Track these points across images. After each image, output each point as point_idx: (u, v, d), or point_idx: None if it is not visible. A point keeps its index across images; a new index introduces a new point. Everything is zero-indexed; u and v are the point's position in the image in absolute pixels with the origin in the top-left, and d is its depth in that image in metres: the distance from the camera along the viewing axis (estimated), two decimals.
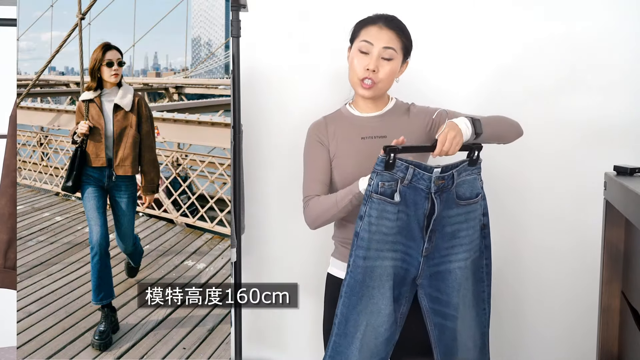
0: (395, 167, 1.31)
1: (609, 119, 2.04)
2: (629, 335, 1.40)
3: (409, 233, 1.36)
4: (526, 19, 2.04)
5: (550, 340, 2.13)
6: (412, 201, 1.35)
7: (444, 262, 1.40)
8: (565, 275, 2.10)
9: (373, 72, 1.46)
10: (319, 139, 1.54)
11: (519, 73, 2.06)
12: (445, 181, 1.35)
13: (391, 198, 1.32)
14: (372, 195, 1.32)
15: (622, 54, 2.03)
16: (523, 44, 2.04)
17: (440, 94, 2.00)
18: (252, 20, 2.02)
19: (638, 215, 1.13)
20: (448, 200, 1.37)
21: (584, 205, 2.05)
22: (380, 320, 1.37)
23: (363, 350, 1.37)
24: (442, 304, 1.41)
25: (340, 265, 1.55)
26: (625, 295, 1.45)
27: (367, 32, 1.48)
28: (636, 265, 1.35)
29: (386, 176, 1.31)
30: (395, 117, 1.54)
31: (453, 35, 2.07)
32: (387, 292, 1.36)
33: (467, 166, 1.38)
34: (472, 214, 1.41)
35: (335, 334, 1.37)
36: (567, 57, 2.04)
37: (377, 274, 1.35)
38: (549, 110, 2.05)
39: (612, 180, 1.43)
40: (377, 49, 1.46)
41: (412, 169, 1.32)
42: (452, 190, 1.37)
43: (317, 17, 2.06)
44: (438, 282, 1.40)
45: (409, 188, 1.33)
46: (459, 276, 1.40)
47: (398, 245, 1.36)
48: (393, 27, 1.47)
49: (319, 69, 2.07)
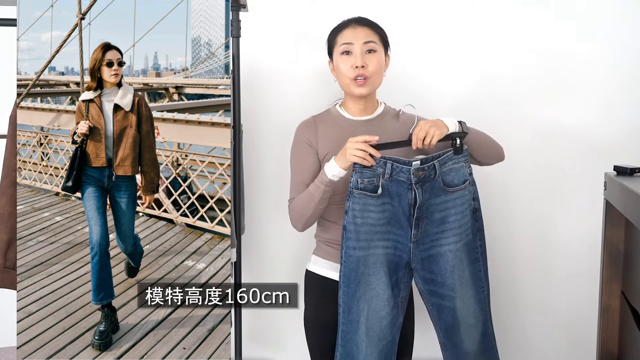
0: (375, 163, 1.39)
1: (609, 119, 2.04)
2: (629, 335, 1.40)
3: (397, 222, 1.44)
4: (527, 23, 2.04)
5: (550, 340, 2.14)
6: (395, 193, 1.43)
7: (434, 246, 1.47)
8: (565, 276, 2.10)
9: (362, 67, 1.48)
10: (307, 140, 1.55)
11: (519, 73, 2.06)
12: (427, 172, 1.42)
13: (373, 192, 1.41)
14: (353, 191, 1.41)
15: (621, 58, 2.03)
16: (527, 48, 2.05)
17: (431, 95, 2.02)
18: (252, 20, 2.02)
19: (638, 215, 1.13)
20: (434, 189, 1.45)
21: (584, 205, 2.05)
22: (380, 304, 1.44)
23: (370, 334, 1.44)
24: (437, 284, 1.48)
25: (321, 262, 1.57)
26: (625, 295, 1.46)
27: (342, 35, 1.51)
28: (636, 265, 1.35)
29: (366, 173, 1.40)
30: (385, 121, 1.56)
31: (449, 38, 2.07)
32: (384, 277, 1.44)
33: (452, 155, 1.45)
34: (461, 199, 1.47)
35: (342, 323, 1.45)
36: (563, 61, 2.04)
37: (371, 262, 1.43)
38: (547, 111, 2.06)
39: (612, 180, 1.43)
40: (359, 46, 1.48)
41: (390, 163, 1.40)
42: (437, 179, 1.44)
43: (317, 17, 2.06)
44: (431, 265, 1.47)
45: (391, 182, 1.42)
46: (451, 258, 1.47)
47: (388, 235, 1.44)
48: (365, 24, 1.51)
49: (319, 69, 2.07)
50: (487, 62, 2.06)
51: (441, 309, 1.50)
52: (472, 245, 1.50)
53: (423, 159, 1.42)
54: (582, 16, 2.03)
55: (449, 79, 2.07)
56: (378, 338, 1.45)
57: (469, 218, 1.49)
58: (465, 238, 1.49)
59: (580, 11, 2.04)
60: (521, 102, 2.06)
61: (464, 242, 1.48)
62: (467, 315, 1.50)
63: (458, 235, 1.48)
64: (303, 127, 1.58)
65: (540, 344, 2.14)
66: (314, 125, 1.56)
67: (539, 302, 2.13)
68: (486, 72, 2.06)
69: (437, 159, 1.43)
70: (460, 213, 1.47)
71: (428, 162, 1.42)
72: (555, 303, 2.12)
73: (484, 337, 1.53)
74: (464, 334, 1.51)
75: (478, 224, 1.51)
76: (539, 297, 2.13)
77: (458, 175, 1.46)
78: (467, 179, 1.47)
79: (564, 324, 2.12)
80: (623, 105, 2.04)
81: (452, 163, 1.45)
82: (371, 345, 1.44)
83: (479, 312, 1.52)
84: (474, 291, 1.51)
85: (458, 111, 1.86)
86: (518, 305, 2.13)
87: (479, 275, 1.52)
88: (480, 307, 1.52)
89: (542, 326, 2.13)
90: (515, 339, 2.13)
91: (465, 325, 1.50)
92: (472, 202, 1.49)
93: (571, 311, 2.10)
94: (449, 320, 1.50)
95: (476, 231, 1.51)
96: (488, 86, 2.07)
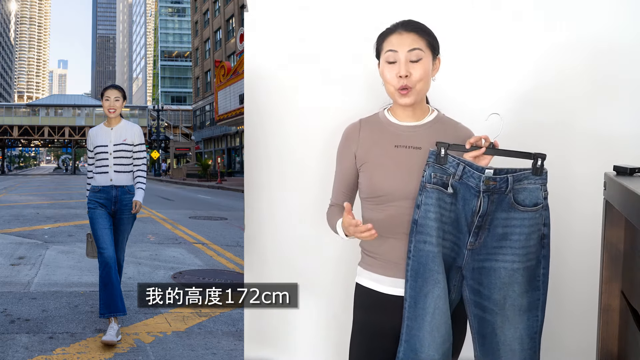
0: (447, 162, 1.40)
1: (610, 120, 2.04)
2: (629, 335, 1.40)
3: (458, 225, 1.44)
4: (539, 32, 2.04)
5: (550, 340, 2.13)
6: (462, 196, 1.42)
7: (489, 260, 1.45)
8: (565, 275, 2.10)
9: (406, 77, 1.44)
10: (348, 143, 1.55)
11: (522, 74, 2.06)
12: (498, 183, 1.40)
13: (444, 188, 1.41)
14: (425, 185, 1.41)
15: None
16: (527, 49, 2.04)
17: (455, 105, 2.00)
18: (252, 20, 2.02)
19: (638, 215, 1.13)
20: (502, 203, 1.42)
21: (584, 205, 2.05)
22: (447, 305, 1.42)
23: (434, 334, 1.41)
24: (483, 297, 1.45)
25: (365, 274, 1.54)
26: (625, 295, 1.45)
27: (389, 42, 1.48)
28: (636, 265, 1.35)
29: (438, 169, 1.41)
30: (433, 130, 1.51)
31: (466, 46, 2.07)
32: (445, 277, 1.43)
33: (530, 174, 1.42)
34: (529, 221, 1.43)
35: (407, 317, 1.43)
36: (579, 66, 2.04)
37: (438, 260, 1.42)
38: (550, 111, 2.06)
39: (612, 180, 1.43)
40: (403, 54, 1.44)
41: (462, 165, 1.40)
42: (509, 195, 1.41)
43: (317, 17, 2.06)
44: (481, 277, 1.45)
45: (460, 184, 1.42)
46: (504, 276, 1.44)
47: (449, 235, 1.44)
48: (412, 29, 1.47)
49: (319, 68, 2.07)
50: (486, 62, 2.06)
51: (482, 322, 1.47)
52: (535, 271, 1.47)
53: (497, 169, 1.39)
54: (603, 23, 2.03)
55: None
56: (443, 340, 1.42)
57: (534, 242, 1.45)
58: (527, 262, 1.45)
59: (599, 14, 2.03)
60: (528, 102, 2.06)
61: (525, 266, 1.45)
62: (513, 338, 1.46)
63: (517, 256, 1.44)
64: (347, 131, 1.57)
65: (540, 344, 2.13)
66: (358, 128, 1.55)
67: None
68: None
69: (512, 174, 1.40)
70: (525, 234, 1.44)
71: (502, 174, 1.40)
72: (555, 303, 2.12)
73: None
74: (502, 355, 1.46)
75: (544, 251, 1.46)
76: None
77: (531, 196, 1.43)
78: (541, 202, 1.44)
79: (564, 323, 2.11)
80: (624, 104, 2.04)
81: (527, 182, 1.42)
82: (434, 345, 1.41)
83: (527, 340, 1.47)
84: (527, 318, 1.47)
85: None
86: None
87: (537, 304, 1.48)
88: (529, 336, 1.47)
89: (542, 326, 2.13)
90: None
91: (506, 347, 1.46)
92: (542, 227, 1.45)
93: (571, 311, 2.10)
94: (487, 335, 1.46)
95: (541, 258, 1.47)
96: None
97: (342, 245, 2.06)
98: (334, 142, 1.61)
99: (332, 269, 2.12)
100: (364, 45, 1.94)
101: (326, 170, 2.01)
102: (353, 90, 2.06)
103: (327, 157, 2.02)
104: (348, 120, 1.60)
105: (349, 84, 2.06)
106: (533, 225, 1.44)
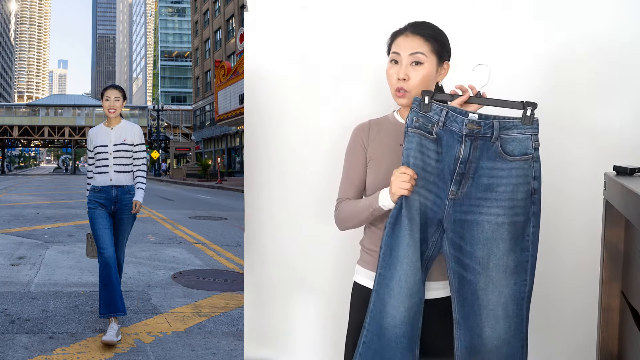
0: (431, 109, 1.37)
1: (610, 120, 2.04)
2: (629, 335, 1.40)
3: (443, 176, 1.38)
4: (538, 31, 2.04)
5: (550, 340, 2.13)
6: (446, 143, 1.38)
7: (472, 212, 1.38)
8: (565, 275, 2.10)
9: (404, 80, 1.45)
10: (360, 142, 1.55)
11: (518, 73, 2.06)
12: (482, 128, 1.36)
13: (428, 134, 1.37)
14: (408, 130, 1.38)
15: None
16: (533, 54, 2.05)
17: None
18: (252, 20, 2.02)
19: (638, 215, 1.13)
20: (489, 151, 1.36)
21: (584, 205, 2.05)
22: (417, 254, 1.38)
23: (401, 283, 1.38)
24: (465, 254, 1.38)
25: (363, 272, 1.54)
26: (625, 295, 1.45)
27: (396, 42, 1.49)
28: (636, 265, 1.35)
29: (421, 115, 1.38)
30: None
31: (466, 46, 2.07)
32: (419, 226, 1.38)
33: (519, 124, 1.36)
34: (517, 172, 1.36)
35: (380, 266, 1.40)
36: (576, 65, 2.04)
37: (414, 207, 1.37)
38: (550, 111, 2.05)
39: (612, 180, 1.43)
40: (405, 57, 1.46)
41: (445, 110, 1.37)
42: (496, 143, 1.36)
43: (317, 17, 2.06)
44: (463, 230, 1.38)
45: (444, 131, 1.37)
46: (487, 230, 1.37)
47: (433, 186, 1.39)
48: (419, 33, 1.47)
49: (319, 68, 2.07)
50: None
51: (462, 281, 1.38)
52: (523, 229, 1.38)
53: (484, 115, 1.35)
54: (601, 23, 2.03)
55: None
56: (410, 292, 1.37)
57: (523, 196, 1.36)
58: (514, 217, 1.37)
59: (598, 16, 2.03)
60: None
61: (511, 221, 1.37)
62: (497, 303, 1.37)
63: (503, 209, 1.36)
64: (357, 129, 1.58)
65: (540, 343, 2.14)
66: (368, 128, 1.56)
67: (539, 301, 2.12)
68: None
69: (499, 120, 1.36)
70: (512, 185, 1.36)
71: (488, 119, 1.35)
72: (555, 303, 2.12)
73: (511, 337, 1.39)
74: (484, 321, 1.38)
75: (535, 207, 1.37)
76: (539, 296, 2.12)
77: (521, 146, 1.36)
78: (530, 153, 1.36)
79: (564, 323, 2.11)
80: (623, 104, 2.04)
81: (517, 132, 1.36)
82: (401, 297, 1.37)
83: (512, 306, 1.38)
84: (514, 282, 1.38)
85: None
86: None
87: (525, 266, 1.38)
88: (516, 302, 1.38)
89: (542, 326, 2.13)
90: None
91: (488, 312, 1.38)
92: (532, 181, 1.36)
93: (571, 311, 2.10)
94: (468, 297, 1.38)
95: (531, 215, 1.37)
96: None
97: (342, 246, 2.06)
98: (335, 142, 1.61)
99: (332, 269, 2.13)
100: (365, 45, 1.95)
101: (326, 170, 2.02)
102: (353, 90, 2.06)
103: (328, 157, 2.03)
104: (348, 120, 1.60)
105: (349, 84, 2.06)
106: (521, 177, 1.36)
